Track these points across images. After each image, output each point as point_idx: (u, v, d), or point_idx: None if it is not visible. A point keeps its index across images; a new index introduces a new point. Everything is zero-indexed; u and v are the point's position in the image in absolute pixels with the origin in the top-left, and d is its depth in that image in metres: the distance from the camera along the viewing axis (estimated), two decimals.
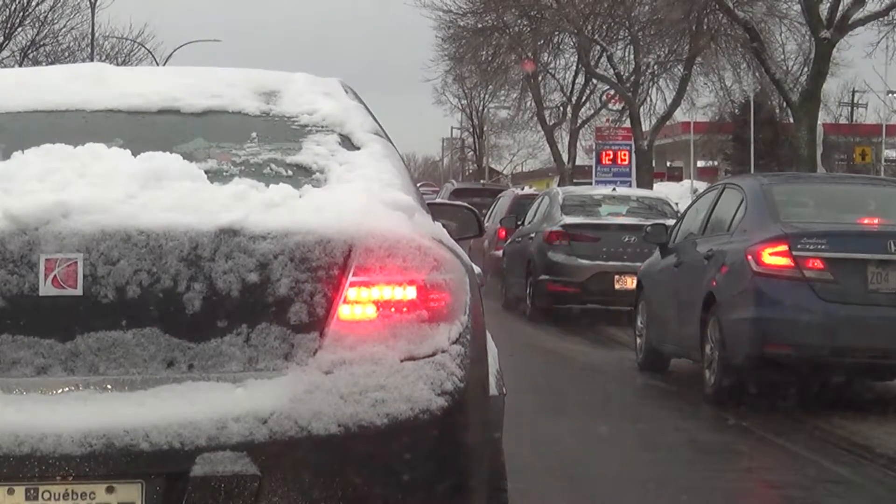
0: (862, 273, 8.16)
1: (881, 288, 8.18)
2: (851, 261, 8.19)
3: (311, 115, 3.66)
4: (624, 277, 13.74)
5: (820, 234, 8.32)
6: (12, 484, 2.76)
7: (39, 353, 2.85)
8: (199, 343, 2.88)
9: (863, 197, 9.78)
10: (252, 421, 2.80)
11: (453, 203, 4.95)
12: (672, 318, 9.60)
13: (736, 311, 8.39)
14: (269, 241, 2.92)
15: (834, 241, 8.26)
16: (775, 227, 8.49)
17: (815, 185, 10.72)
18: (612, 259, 14.14)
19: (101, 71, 4.00)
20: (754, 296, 8.26)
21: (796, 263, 8.15)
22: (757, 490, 6.06)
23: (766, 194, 9.01)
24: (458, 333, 3.01)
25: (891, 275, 8.19)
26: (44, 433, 2.73)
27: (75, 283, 2.85)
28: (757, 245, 8.35)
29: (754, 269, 8.26)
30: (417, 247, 3.00)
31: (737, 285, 8.47)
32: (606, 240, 14.40)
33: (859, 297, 8.14)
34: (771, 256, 8.24)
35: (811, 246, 8.20)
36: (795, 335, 8.09)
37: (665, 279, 10.06)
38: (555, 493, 5.76)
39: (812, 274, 8.15)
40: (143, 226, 2.89)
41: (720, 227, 9.37)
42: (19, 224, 2.87)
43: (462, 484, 2.99)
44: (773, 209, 8.80)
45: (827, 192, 9.95)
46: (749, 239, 8.56)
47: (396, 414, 2.87)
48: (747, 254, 8.37)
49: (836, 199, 9.61)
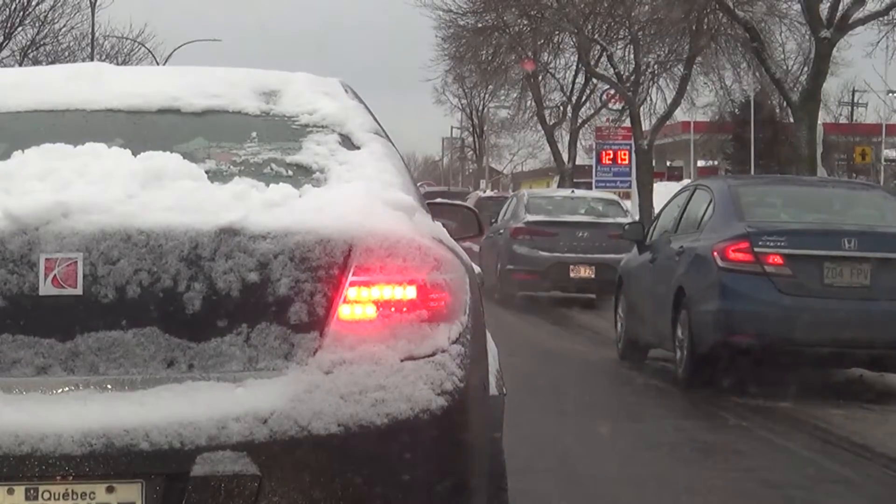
0: (818, 268, 8.84)
1: (836, 282, 8.86)
2: (809, 257, 8.88)
3: (312, 114, 3.66)
4: (578, 267, 16.50)
5: (779, 233, 9.06)
6: (12, 484, 2.75)
7: (39, 352, 2.85)
8: (200, 343, 2.88)
9: (823, 198, 10.50)
10: (252, 421, 2.80)
11: (453, 203, 4.95)
12: (648, 310, 10.28)
13: (703, 304, 9.05)
14: (269, 240, 2.92)
15: (792, 239, 8.97)
16: (739, 226, 9.14)
17: (779, 186, 11.37)
18: (568, 251, 16.57)
19: (100, 70, 3.99)
20: (719, 289, 8.93)
21: (757, 259, 8.83)
22: (757, 490, 6.05)
23: (731, 195, 9.72)
24: (459, 333, 3.01)
25: (845, 270, 8.87)
26: (44, 433, 2.73)
27: (75, 283, 2.85)
28: (722, 243, 9.04)
29: (719, 264, 8.95)
30: (418, 246, 3.00)
31: (704, 280, 9.15)
32: (563, 235, 16.82)
33: (816, 291, 8.81)
34: (734, 253, 8.93)
35: (771, 243, 8.90)
36: (757, 325, 8.75)
37: (641, 274, 10.77)
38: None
39: (772, 269, 8.83)
40: (143, 225, 2.89)
41: (691, 225, 10.03)
42: (19, 224, 2.87)
43: (462, 484, 2.99)
44: (738, 209, 9.46)
45: (790, 194, 10.59)
46: (715, 237, 9.23)
47: (396, 414, 2.87)
48: (713, 251, 9.03)
49: (798, 200, 10.28)
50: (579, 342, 12.93)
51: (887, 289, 8.87)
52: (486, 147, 57.99)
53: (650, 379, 10.11)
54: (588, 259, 16.47)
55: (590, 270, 16.57)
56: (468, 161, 66.94)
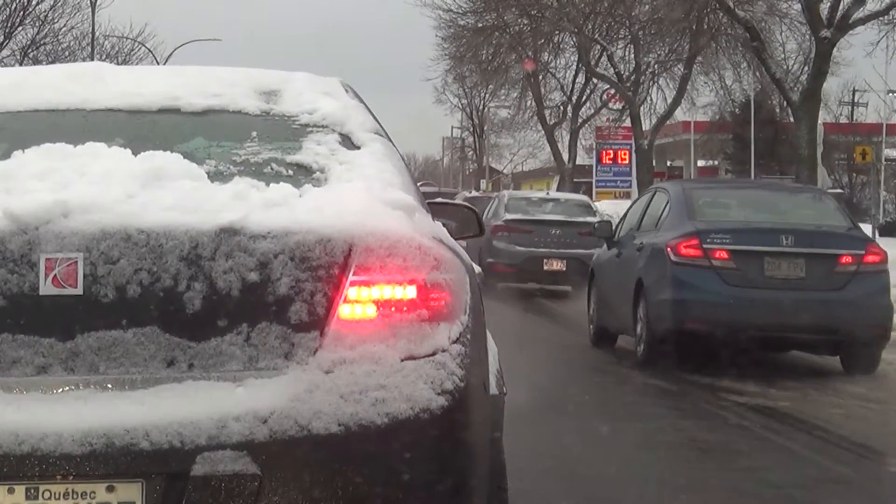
0: (760, 262, 10.05)
1: (775, 274, 10.07)
2: (751, 252, 10.07)
3: (312, 114, 3.66)
4: (551, 261, 18.34)
5: (725, 231, 10.25)
6: (13, 483, 2.75)
7: (40, 352, 2.85)
8: (200, 342, 2.87)
9: (767, 200, 11.71)
10: (252, 420, 2.80)
11: (453, 202, 4.95)
12: (614, 300, 11.38)
13: (658, 294, 10.21)
14: (269, 240, 2.92)
15: (737, 236, 10.17)
16: (690, 225, 10.37)
17: (728, 189, 12.91)
18: (542, 246, 18.44)
19: (100, 70, 3.99)
20: (672, 281, 10.09)
21: (705, 254, 10.04)
22: (757, 490, 6.05)
23: (685, 197, 10.95)
24: (459, 333, 3.00)
25: (783, 264, 10.10)
26: (44, 432, 2.73)
27: (75, 283, 2.84)
28: (674, 239, 10.23)
29: (672, 259, 10.13)
30: (418, 246, 2.99)
31: (659, 272, 10.30)
32: (538, 232, 18.71)
33: (757, 282, 10.00)
34: (685, 249, 10.12)
35: (718, 240, 10.09)
36: (705, 313, 9.93)
37: (609, 268, 11.94)
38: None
39: (718, 263, 10.05)
40: (143, 225, 2.89)
41: (651, 223, 11.20)
42: (19, 223, 2.87)
43: (462, 483, 2.98)
44: (690, 210, 10.69)
45: (738, 196, 11.87)
46: (669, 234, 10.43)
47: (397, 413, 2.86)
48: (667, 247, 10.23)
49: (745, 202, 11.50)
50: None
51: (820, 280, 10.05)
52: (486, 147, 58.02)
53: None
54: (560, 254, 18.30)
55: (561, 264, 18.35)
56: (468, 161, 66.97)
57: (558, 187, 42.65)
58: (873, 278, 10.16)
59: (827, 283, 10.06)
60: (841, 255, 10.19)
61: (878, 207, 35.23)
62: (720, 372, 10.03)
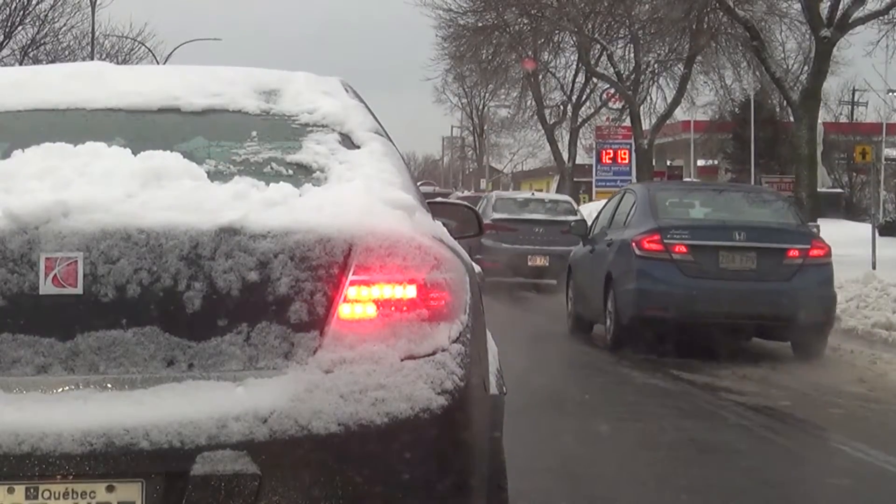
0: (715, 256, 11.13)
1: (729, 267, 11.16)
2: (707, 247, 11.17)
3: (312, 113, 3.66)
4: (535, 257, 19.69)
5: (684, 227, 11.42)
6: (12, 483, 2.75)
7: (39, 352, 2.84)
8: (200, 342, 2.87)
9: (725, 200, 12.90)
10: (252, 420, 2.79)
11: (453, 202, 4.95)
12: (588, 292, 12.56)
13: (624, 285, 11.32)
14: (269, 239, 2.91)
15: (694, 233, 11.32)
16: (652, 222, 11.48)
17: (689, 191, 14.11)
18: (527, 244, 19.77)
19: (101, 69, 3.99)
20: (636, 273, 11.22)
21: (666, 249, 11.14)
22: (757, 489, 6.05)
23: (650, 198, 12.08)
24: (459, 332, 3.00)
25: (736, 257, 11.17)
26: (44, 432, 2.72)
27: (75, 282, 2.84)
28: (639, 235, 11.36)
29: (637, 253, 11.26)
30: (418, 246, 2.99)
31: (625, 265, 11.43)
32: (523, 230, 19.99)
33: (713, 274, 11.09)
34: (648, 244, 11.23)
35: (677, 236, 11.21)
36: (666, 302, 11.02)
37: (584, 263, 13.10)
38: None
39: (678, 257, 11.14)
40: (143, 225, 2.88)
41: (620, 222, 12.37)
42: (19, 223, 2.86)
43: (462, 483, 2.98)
44: (654, 209, 11.80)
45: (698, 196, 13.05)
46: (634, 231, 11.56)
47: (396, 413, 2.86)
48: (632, 242, 11.35)
49: (703, 202, 12.71)
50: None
51: (769, 272, 11.11)
52: (486, 146, 58.03)
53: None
54: (543, 250, 19.65)
55: (544, 260, 19.73)
56: (468, 160, 66.97)
57: (558, 187, 42.69)
58: (818, 270, 11.21)
59: (776, 275, 11.10)
60: (788, 249, 11.22)
61: (878, 207, 35.23)
62: (720, 372, 10.04)
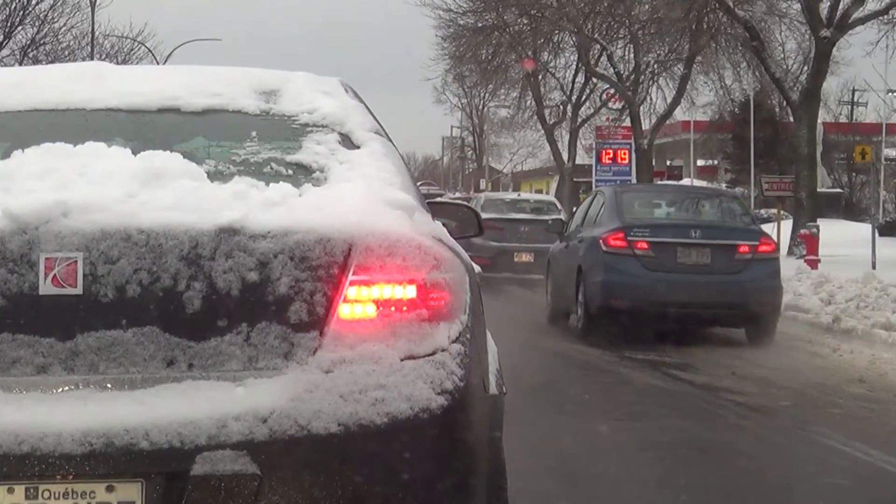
0: (673, 251, 12.48)
1: (686, 261, 12.51)
2: (666, 243, 12.49)
3: (311, 113, 3.66)
4: (520, 254, 21.09)
5: (646, 226, 12.77)
6: (12, 483, 2.75)
7: (39, 352, 2.84)
8: (199, 342, 2.87)
9: (683, 201, 14.24)
10: (252, 420, 2.79)
11: (453, 202, 4.96)
12: (563, 284, 13.76)
13: (593, 277, 12.59)
14: (269, 239, 2.91)
15: (655, 231, 12.68)
16: (618, 221, 12.81)
17: (652, 192, 15.82)
18: (513, 241, 21.11)
19: (100, 70, 4.00)
20: (603, 267, 12.48)
21: (630, 245, 12.46)
22: (757, 489, 6.06)
23: (617, 199, 13.44)
24: (459, 332, 3.00)
25: (692, 252, 12.53)
26: (44, 432, 2.72)
27: (75, 282, 2.84)
28: (605, 233, 12.70)
29: (603, 249, 12.56)
30: (417, 246, 2.99)
31: (594, 260, 12.70)
32: (509, 228, 21.27)
33: (671, 268, 12.40)
34: (613, 241, 12.54)
35: (640, 234, 12.53)
36: (629, 293, 12.26)
37: (559, 258, 14.41)
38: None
39: (640, 252, 12.46)
40: (143, 225, 2.88)
41: (591, 220, 13.70)
42: (19, 223, 2.86)
43: (462, 483, 2.98)
44: (620, 209, 13.16)
45: (660, 198, 14.48)
46: (602, 229, 12.89)
47: (396, 413, 2.86)
48: (600, 239, 12.67)
49: (665, 203, 14.18)
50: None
51: (722, 266, 12.48)
52: (486, 146, 58.05)
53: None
54: (528, 248, 20.97)
55: (530, 256, 20.99)
56: (468, 160, 66.98)
57: (558, 187, 42.71)
58: (766, 264, 12.61)
59: (728, 268, 12.47)
60: (739, 246, 12.60)
61: (878, 207, 35.23)
62: (719, 372, 10.05)
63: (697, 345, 12.23)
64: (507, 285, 20.12)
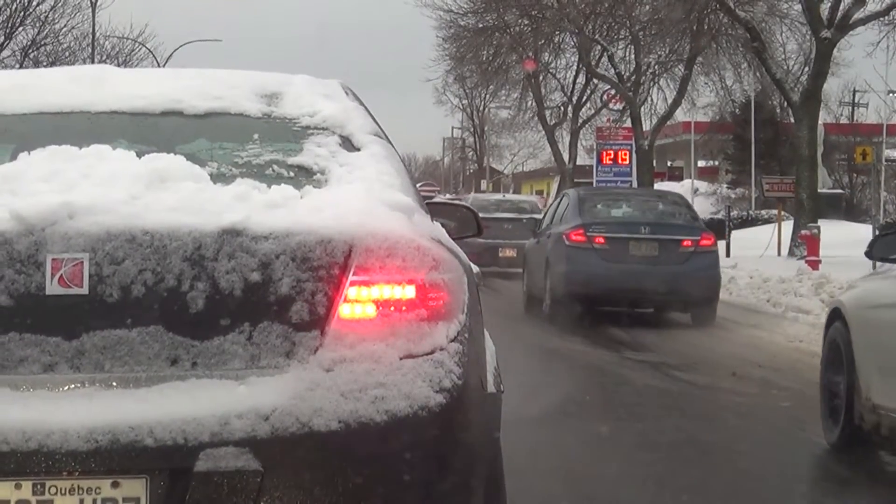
0: (626, 245, 14.41)
1: (637, 254, 14.41)
2: (620, 238, 14.45)
3: (312, 116, 3.70)
4: (504, 249, 22.94)
5: (603, 223, 14.78)
6: (20, 479, 2.79)
7: (46, 350, 2.89)
8: (203, 341, 2.92)
9: (637, 202, 16.21)
10: (254, 417, 2.84)
11: (452, 203, 5.00)
12: (534, 274, 15.70)
13: (557, 268, 14.47)
14: (271, 241, 2.96)
15: (610, 227, 14.70)
16: (579, 219, 14.81)
17: (609, 194, 17.71)
18: (497, 238, 22.39)
19: (104, 73, 4.03)
20: (566, 259, 14.38)
21: (589, 240, 14.40)
22: (757, 489, 6.04)
23: (579, 199, 15.59)
24: (457, 332, 3.05)
25: (642, 246, 14.46)
26: (50, 429, 2.77)
27: (81, 283, 2.89)
28: (568, 229, 14.66)
29: (566, 243, 14.49)
30: (416, 247, 3.03)
31: (558, 253, 14.60)
32: (494, 226, 21.85)
33: (624, 259, 14.29)
34: (574, 236, 14.50)
35: (597, 230, 14.51)
36: (588, 281, 14.13)
37: (532, 252, 16.35)
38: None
39: (598, 246, 14.39)
40: (147, 226, 2.93)
41: (558, 219, 15.70)
42: (26, 225, 2.91)
43: (460, 480, 3.02)
44: (581, 209, 15.20)
45: (617, 199, 16.43)
46: (566, 226, 14.86)
47: (396, 411, 2.91)
48: (563, 235, 14.64)
49: (621, 203, 16.08)
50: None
51: (668, 258, 14.36)
52: (486, 147, 58.04)
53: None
54: (511, 244, 22.50)
55: (513, 251, 22.58)
56: (469, 161, 66.96)
57: (559, 187, 42.69)
58: (706, 256, 14.55)
59: (674, 260, 14.37)
60: (683, 240, 14.54)
61: (879, 208, 35.24)
62: (719, 372, 10.07)
63: (698, 345, 12.25)
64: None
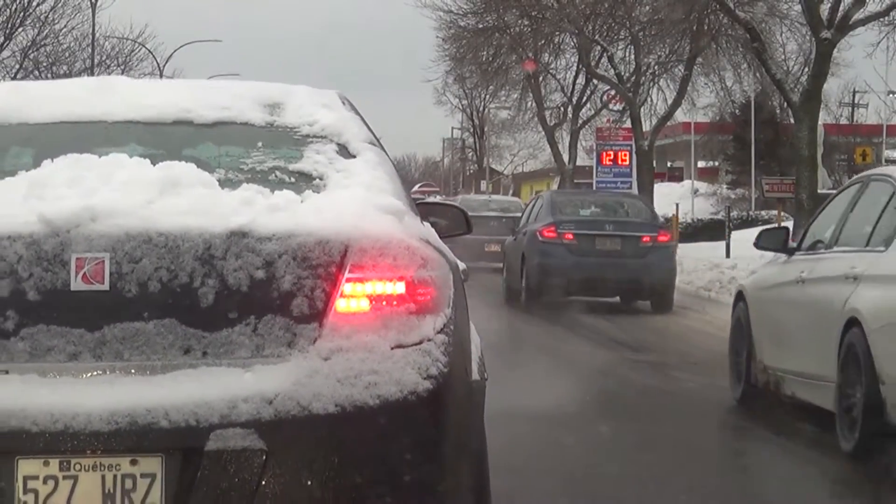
0: (592, 240, 16.72)
1: (602, 248, 16.67)
2: (587, 234, 16.79)
3: (312, 125, 3.95)
4: (490, 244, 24.50)
5: (572, 221, 17.09)
6: (48, 457, 3.07)
7: (71, 341, 3.16)
8: (213, 332, 3.18)
9: (603, 202, 18.65)
10: (259, 401, 3.11)
11: (443, 203, 5.30)
12: (512, 268, 17.76)
13: (532, 261, 16.65)
14: (274, 241, 3.22)
15: (578, 224, 17.01)
16: (551, 217, 17.05)
17: (579, 195, 21.03)
18: (483, 234, 23.62)
19: (118, 84, 4.27)
20: (539, 253, 16.58)
21: (559, 236, 16.68)
22: (757, 489, 6.01)
23: (552, 200, 18.28)
24: (443, 324, 3.30)
25: (607, 241, 16.77)
26: (76, 412, 3.05)
27: (103, 279, 3.16)
28: (541, 227, 16.88)
29: (539, 239, 16.72)
30: (406, 247, 3.30)
31: (533, 248, 16.76)
32: (480, 223, 24.42)
33: (591, 253, 16.55)
34: (547, 232, 16.73)
35: (567, 227, 16.80)
36: (559, 272, 16.35)
37: (511, 248, 18.23)
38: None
39: (567, 241, 16.66)
40: (162, 228, 3.20)
41: (534, 217, 17.86)
42: (53, 227, 3.18)
43: (445, 458, 3.28)
44: (554, 208, 17.54)
45: (585, 200, 18.95)
46: (539, 224, 17.07)
47: (387, 395, 3.17)
48: (536, 232, 16.86)
49: (591, 202, 18.51)
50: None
51: (630, 252, 16.54)
52: (486, 148, 58.07)
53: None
54: (497, 239, 23.86)
55: (497, 247, 23.90)
56: (469, 162, 67.00)
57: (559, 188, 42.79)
58: (663, 250, 16.83)
59: (634, 254, 16.54)
60: (643, 236, 16.75)
61: None
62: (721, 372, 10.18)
63: (698, 345, 12.28)
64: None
